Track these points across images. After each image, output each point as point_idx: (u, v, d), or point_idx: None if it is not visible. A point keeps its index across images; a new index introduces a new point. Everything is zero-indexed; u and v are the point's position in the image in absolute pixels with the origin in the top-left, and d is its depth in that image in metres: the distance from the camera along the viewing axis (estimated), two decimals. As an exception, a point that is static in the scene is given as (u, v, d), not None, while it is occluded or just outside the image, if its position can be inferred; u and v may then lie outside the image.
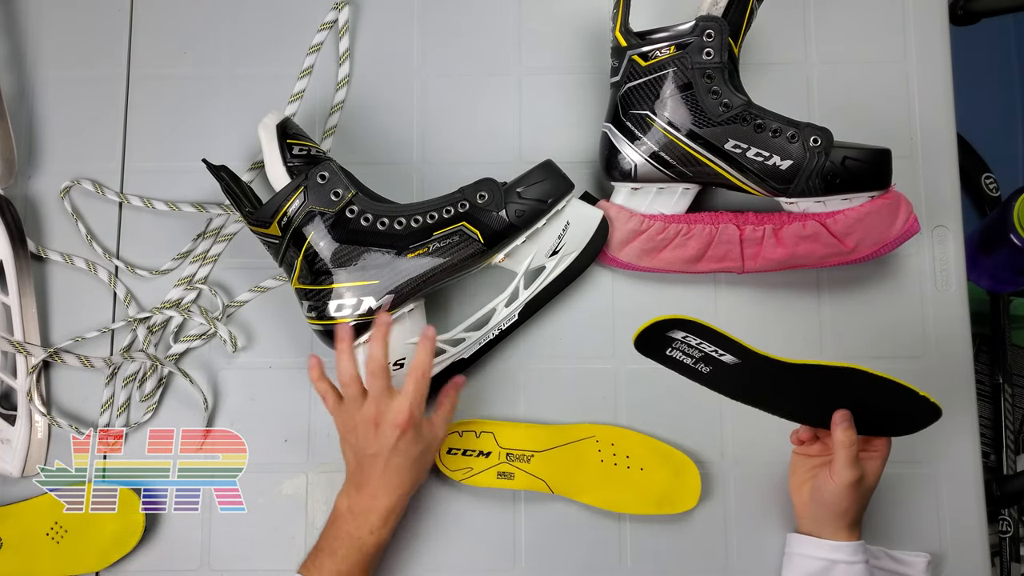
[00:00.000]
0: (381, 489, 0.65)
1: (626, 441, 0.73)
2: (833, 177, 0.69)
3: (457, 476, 0.72)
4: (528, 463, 0.72)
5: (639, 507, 0.72)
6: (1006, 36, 1.40)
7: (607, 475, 0.72)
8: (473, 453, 0.73)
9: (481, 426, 0.74)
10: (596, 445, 0.73)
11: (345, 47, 0.81)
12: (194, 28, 0.82)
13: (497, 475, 0.72)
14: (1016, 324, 1.22)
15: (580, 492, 0.73)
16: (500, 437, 0.73)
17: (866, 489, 0.65)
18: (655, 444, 0.74)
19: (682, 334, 0.60)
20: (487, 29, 0.82)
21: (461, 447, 0.73)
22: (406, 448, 0.64)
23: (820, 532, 0.66)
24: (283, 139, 0.67)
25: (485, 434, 0.74)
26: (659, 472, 0.73)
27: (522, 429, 0.74)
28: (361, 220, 0.67)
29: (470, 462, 0.73)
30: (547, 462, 0.73)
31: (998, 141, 1.36)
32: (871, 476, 0.64)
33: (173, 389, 0.77)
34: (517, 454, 0.73)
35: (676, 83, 0.69)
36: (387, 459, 0.64)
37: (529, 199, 0.69)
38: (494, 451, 0.73)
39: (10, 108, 0.78)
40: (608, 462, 0.73)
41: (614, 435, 0.74)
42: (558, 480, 0.72)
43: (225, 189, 0.68)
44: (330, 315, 0.68)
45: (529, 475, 0.72)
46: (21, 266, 0.75)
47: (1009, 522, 1.14)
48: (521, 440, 0.73)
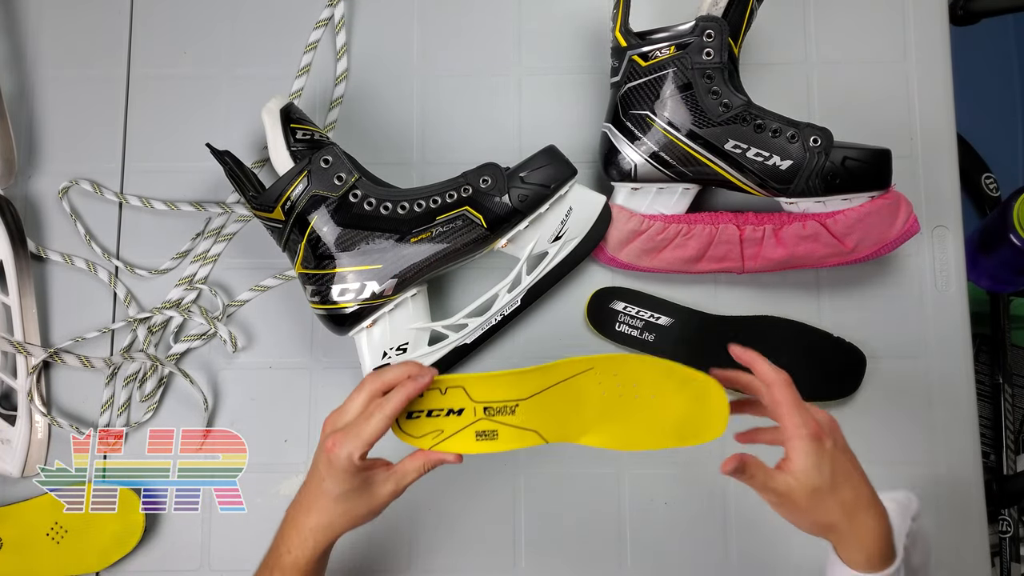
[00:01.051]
0: (304, 505, 0.58)
1: (631, 367, 0.59)
2: (833, 177, 0.69)
3: (424, 443, 0.59)
4: (513, 415, 0.59)
5: (656, 441, 0.59)
6: (1006, 36, 1.40)
7: (613, 409, 0.59)
8: (440, 412, 0.59)
9: (446, 382, 0.60)
10: (595, 377, 0.59)
11: (343, 42, 0.81)
12: (194, 28, 0.82)
13: (476, 436, 0.59)
14: (1016, 324, 1.22)
15: (581, 434, 0.60)
16: (473, 390, 0.60)
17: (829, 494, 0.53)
18: (668, 366, 0.59)
19: (623, 305, 0.61)
20: (487, 29, 0.82)
21: (424, 408, 0.59)
22: (329, 476, 0.56)
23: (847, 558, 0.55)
24: (287, 123, 0.67)
25: (453, 390, 0.60)
26: (676, 397, 0.58)
27: (500, 378, 0.60)
28: (364, 205, 0.67)
29: (438, 424, 0.59)
30: (537, 408, 0.59)
31: (998, 141, 1.36)
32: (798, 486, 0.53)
33: (173, 389, 0.77)
34: (498, 406, 0.59)
35: (676, 83, 0.69)
36: (320, 477, 0.57)
37: (532, 184, 0.69)
38: (467, 407, 0.60)
39: (10, 108, 0.78)
40: (612, 394, 0.59)
41: (615, 363, 0.59)
42: (553, 426, 0.59)
43: (229, 174, 0.68)
44: (333, 300, 0.68)
45: (516, 429, 0.59)
46: (21, 266, 0.75)
47: (1009, 522, 1.14)
48: (500, 390, 0.60)
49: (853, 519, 0.54)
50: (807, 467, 0.53)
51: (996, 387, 1.19)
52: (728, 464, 0.54)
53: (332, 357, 0.77)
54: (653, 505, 0.75)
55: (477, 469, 0.75)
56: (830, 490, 0.53)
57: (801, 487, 0.53)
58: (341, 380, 0.76)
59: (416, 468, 0.59)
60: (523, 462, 0.75)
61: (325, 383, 0.77)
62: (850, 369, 0.75)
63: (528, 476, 0.75)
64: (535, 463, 0.75)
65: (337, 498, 0.57)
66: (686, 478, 0.75)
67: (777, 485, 0.54)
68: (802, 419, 0.53)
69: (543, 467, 0.75)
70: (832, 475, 0.53)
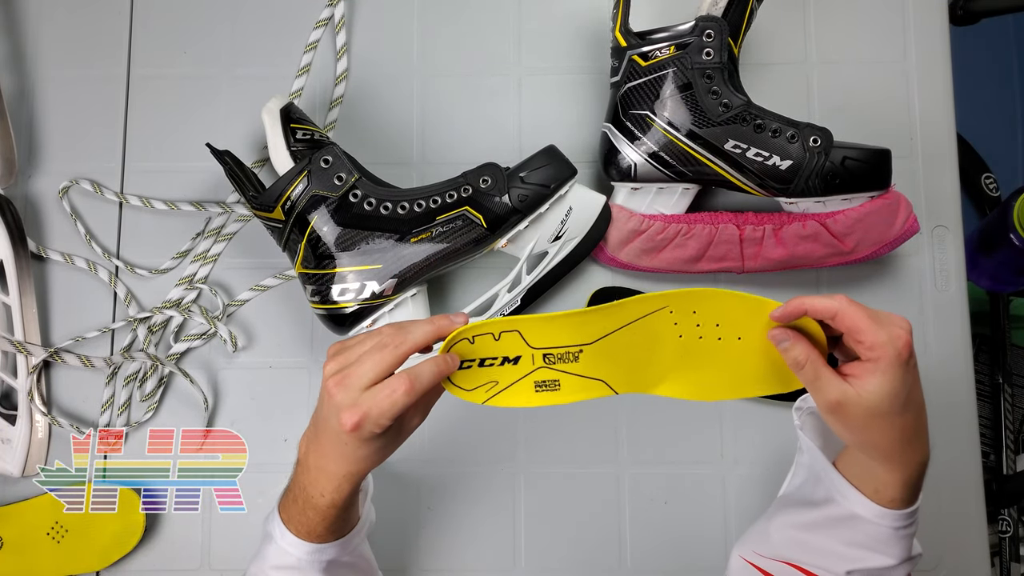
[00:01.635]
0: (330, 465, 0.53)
1: (714, 304, 0.52)
2: (833, 177, 0.69)
3: (478, 397, 0.54)
4: (576, 362, 0.53)
5: (743, 388, 0.53)
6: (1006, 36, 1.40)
7: (692, 354, 0.53)
8: (495, 362, 0.53)
9: (499, 326, 0.52)
10: (671, 318, 0.52)
11: (343, 42, 0.81)
12: (194, 28, 0.82)
13: (535, 387, 0.53)
14: (1016, 324, 1.22)
15: (656, 382, 0.54)
16: (530, 335, 0.52)
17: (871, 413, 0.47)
18: (757, 301, 0.51)
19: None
20: (487, 29, 0.82)
21: (475, 356, 0.53)
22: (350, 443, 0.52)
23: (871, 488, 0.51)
24: (287, 123, 0.67)
25: (508, 335, 0.52)
26: (763, 338, 0.51)
27: (561, 319, 0.52)
28: (364, 204, 0.67)
29: (492, 374, 0.53)
30: (603, 354, 0.53)
31: (998, 141, 1.36)
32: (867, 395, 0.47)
33: (173, 389, 0.77)
34: (559, 353, 0.53)
35: (676, 83, 0.69)
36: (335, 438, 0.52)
37: (532, 184, 0.69)
38: (524, 354, 0.53)
39: (10, 108, 0.78)
40: (690, 337, 0.53)
41: (694, 299, 0.52)
42: (622, 375, 0.53)
43: (229, 173, 0.68)
44: (333, 299, 0.68)
45: (580, 378, 0.53)
46: (21, 266, 0.75)
47: (1009, 522, 1.14)
48: (561, 334, 0.52)
49: (906, 447, 0.48)
50: (880, 390, 0.46)
51: (996, 387, 1.19)
52: (779, 334, 0.49)
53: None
54: (653, 505, 0.75)
55: (477, 469, 0.75)
56: (898, 413, 0.47)
57: (863, 405, 0.47)
58: (341, 380, 0.76)
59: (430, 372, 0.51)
60: (523, 462, 0.75)
61: (325, 383, 0.77)
62: None
63: (528, 476, 0.75)
64: (535, 463, 0.75)
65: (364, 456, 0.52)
66: (686, 478, 0.75)
67: (831, 393, 0.48)
68: (888, 335, 0.46)
69: (543, 467, 0.75)
70: (905, 399, 0.47)
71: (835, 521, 0.53)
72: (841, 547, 0.52)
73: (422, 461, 0.75)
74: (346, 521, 0.57)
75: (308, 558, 0.56)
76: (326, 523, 0.55)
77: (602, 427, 0.76)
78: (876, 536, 0.51)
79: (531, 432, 0.76)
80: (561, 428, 0.76)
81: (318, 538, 0.56)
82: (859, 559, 0.51)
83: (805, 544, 0.54)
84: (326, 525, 0.55)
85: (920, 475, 0.50)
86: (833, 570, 0.52)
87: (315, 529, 0.55)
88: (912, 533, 0.52)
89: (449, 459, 0.76)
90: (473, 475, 0.75)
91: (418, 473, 0.75)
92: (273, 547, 0.57)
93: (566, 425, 0.76)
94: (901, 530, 0.51)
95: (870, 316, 0.47)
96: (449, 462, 0.76)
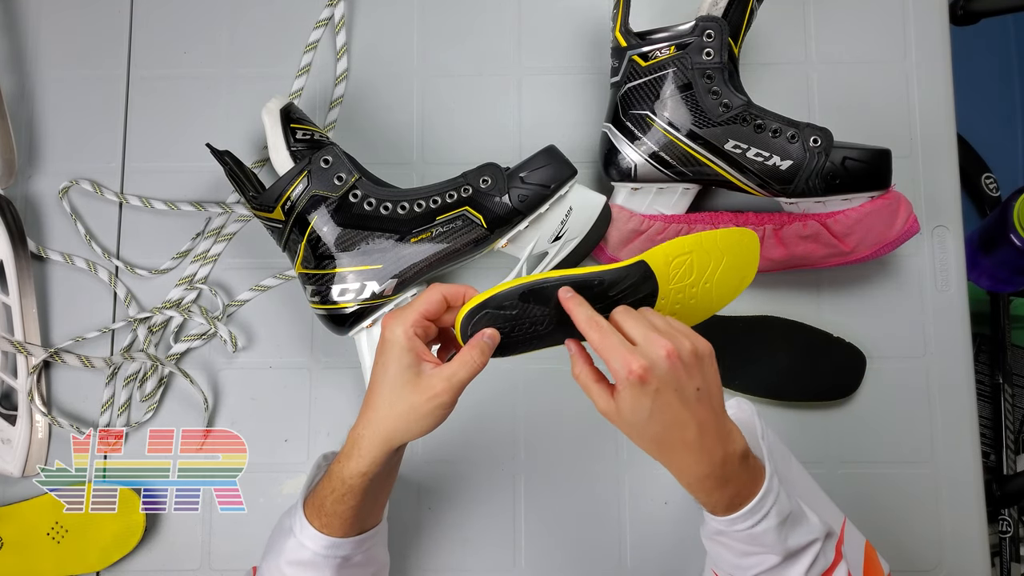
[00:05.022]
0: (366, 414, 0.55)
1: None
2: (833, 177, 0.69)
3: None
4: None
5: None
6: (1006, 36, 1.40)
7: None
8: None
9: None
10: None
11: (343, 42, 0.81)
12: (194, 28, 0.82)
13: None
14: (1016, 324, 1.22)
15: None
16: None
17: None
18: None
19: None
20: (487, 29, 0.82)
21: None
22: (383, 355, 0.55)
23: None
24: (287, 123, 0.67)
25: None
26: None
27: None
28: (364, 205, 0.67)
29: None
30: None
31: (998, 141, 1.36)
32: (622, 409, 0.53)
33: (173, 389, 0.77)
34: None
35: (676, 83, 0.69)
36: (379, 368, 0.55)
37: (532, 184, 0.69)
38: None
39: (10, 108, 0.78)
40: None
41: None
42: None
43: (229, 173, 0.68)
44: (333, 300, 0.68)
45: None
46: (21, 266, 0.75)
47: (1009, 522, 1.14)
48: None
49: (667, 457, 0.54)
50: (622, 406, 0.52)
51: (996, 387, 1.19)
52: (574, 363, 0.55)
53: (332, 357, 0.77)
54: (653, 505, 0.75)
55: (477, 469, 0.75)
56: (643, 426, 0.53)
57: (618, 418, 0.53)
58: (341, 380, 0.76)
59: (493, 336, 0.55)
60: (523, 463, 0.75)
61: (325, 383, 0.77)
62: (850, 369, 0.75)
63: (528, 476, 0.75)
64: (535, 463, 0.75)
65: (392, 386, 0.54)
66: (686, 478, 0.75)
67: (598, 405, 0.54)
68: (622, 361, 0.51)
69: (543, 467, 0.75)
70: (647, 417, 0.52)
71: (717, 535, 0.56)
72: (738, 559, 0.56)
73: (422, 461, 0.75)
74: (374, 509, 0.59)
75: (324, 553, 0.56)
76: (355, 498, 0.56)
77: (602, 428, 0.75)
78: (744, 540, 0.55)
79: (531, 432, 0.76)
80: (561, 429, 0.76)
81: (341, 526, 0.56)
82: (753, 566, 0.55)
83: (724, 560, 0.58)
84: (354, 503, 0.56)
85: (713, 486, 0.53)
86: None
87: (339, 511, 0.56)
88: (771, 526, 0.54)
89: (449, 459, 0.76)
90: (473, 475, 0.75)
91: (418, 473, 0.75)
92: (292, 541, 0.57)
93: (566, 426, 0.76)
94: (755, 527, 0.54)
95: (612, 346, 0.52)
96: (449, 462, 0.76)
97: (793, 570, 0.55)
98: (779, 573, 0.55)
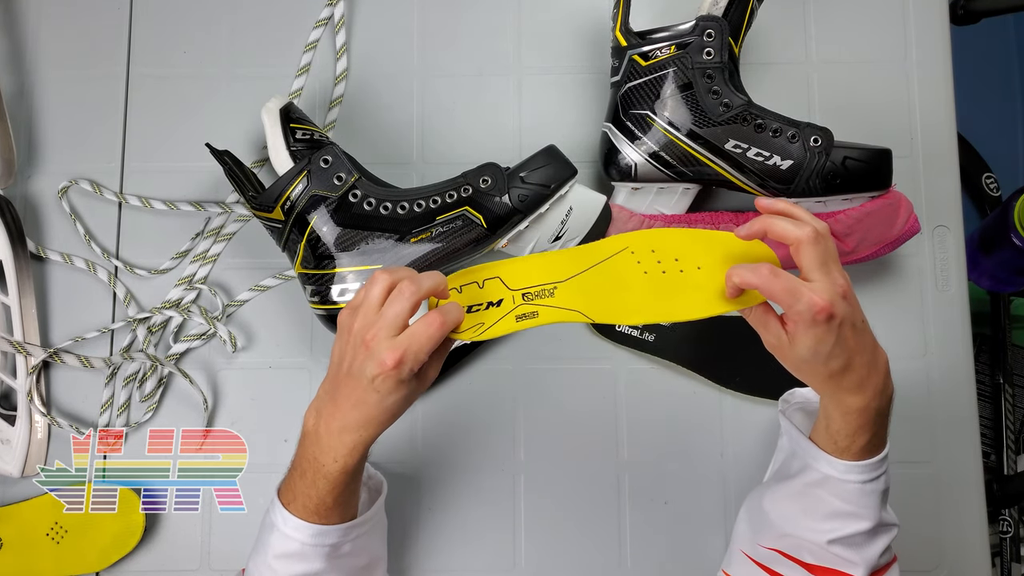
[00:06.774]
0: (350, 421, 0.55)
1: (669, 241, 0.58)
2: (833, 177, 0.69)
3: (467, 336, 0.57)
4: (552, 296, 0.58)
5: (708, 307, 0.57)
6: (1006, 36, 1.40)
7: (656, 286, 0.58)
8: (481, 307, 0.58)
9: (482, 273, 0.59)
10: (633, 257, 0.58)
11: (342, 41, 0.81)
12: (194, 28, 0.82)
13: (516, 319, 0.58)
14: (1016, 324, 1.22)
15: (628, 312, 0.58)
16: (509, 278, 0.59)
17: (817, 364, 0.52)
18: (707, 236, 0.58)
19: None
20: (487, 29, 0.82)
21: (464, 304, 0.58)
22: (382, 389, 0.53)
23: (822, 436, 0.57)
24: (286, 123, 0.67)
25: (491, 281, 0.59)
26: (722, 266, 0.57)
27: (534, 261, 0.59)
28: (364, 205, 0.67)
29: (480, 318, 0.58)
30: (576, 290, 0.58)
31: (998, 141, 1.36)
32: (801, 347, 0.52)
33: (173, 389, 0.77)
34: (535, 291, 0.59)
35: (676, 83, 0.69)
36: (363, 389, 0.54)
37: (532, 184, 0.69)
38: (506, 296, 0.59)
39: (10, 108, 0.78)
40: (654, 272, 0.58)
41: (651, 239, 0.58)
42: (596, 306, 0.58)
43: (228, 173, 0.68)
44: (333, 300, 0.68)
45: (556, 309, 0.58)
46: (21, 266, 0.75)
47: (1009, 522, 1.14)
48: (536, 274, 0.59)
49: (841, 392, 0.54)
50: (801, 343, 0.52)
51: (996, 387, 1.19)
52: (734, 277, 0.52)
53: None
54: (653, 505, 0.75)
55: (477, 469, 0.75)
56: (822, 363, 0.52)
57: (792, 352, 0.53)
58: (341, 380, 0.76)
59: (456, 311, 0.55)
60: (523, 462, 0.75)
61: (325, 383, 0.77)
62: None
63: (528, 476, 0.75)
64: (535, 463, 0.75)
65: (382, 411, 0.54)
66: (686, 477, 0.75)
67: (769, 335, 0.54)
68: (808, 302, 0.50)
69: (543, 467, 0.75)
70: (828, 353, 0.52)
71: (811, 487, 0.57)
72: (818, 521, 0.56)
73: (422, 462, 0.75)
74: (353, 495, 0.58)
75: (312, 541, 0.56)
76: (335, 493, 0.55)
77: (602, 427, 0.76)
78: (846, 496, 0.55)
79: (531, 432, 0.76)
80: (561, 428, 0.76)
81: (326, 514, 0.56)
82: (836, 529, 0.55)
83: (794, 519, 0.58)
84: (335, 496, 0.55)
85: (866, 422, 0.54)
86: (817, 542, 0.56)
87: (324, 501, 0.55)
88: (880, 489, 0.56)
89: (449, 459, 0.76)
90: (473, 475, 0.75)
91: (418, 474, 0.75)
92: (276, 535, 0.57)
93: (566, 425, 0.76)
94: (868, 484, 0.55)
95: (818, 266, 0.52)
96: (449, 462, 0.76)
97: (873, 547, 0.55)
98: (861, 542, 0.55)
